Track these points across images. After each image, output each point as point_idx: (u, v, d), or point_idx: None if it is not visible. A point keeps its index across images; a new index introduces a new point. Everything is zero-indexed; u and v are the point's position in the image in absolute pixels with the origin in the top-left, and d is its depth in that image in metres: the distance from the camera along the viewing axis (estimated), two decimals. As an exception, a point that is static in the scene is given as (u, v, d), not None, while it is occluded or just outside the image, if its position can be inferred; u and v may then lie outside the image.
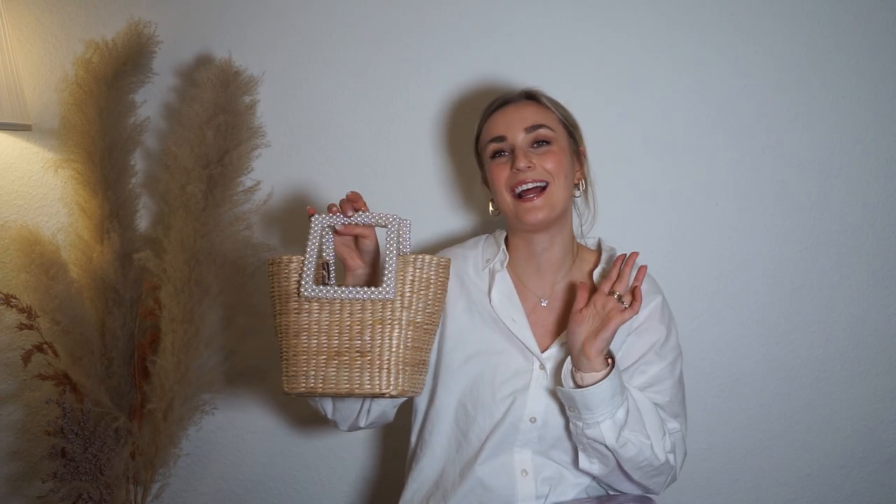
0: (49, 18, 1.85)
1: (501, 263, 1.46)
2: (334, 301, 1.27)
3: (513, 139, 1.40)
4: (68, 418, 1.67)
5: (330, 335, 1.27)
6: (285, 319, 1.30)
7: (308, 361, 1.28)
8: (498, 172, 1.41)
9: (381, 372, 1.25)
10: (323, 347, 1.27)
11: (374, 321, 1.26)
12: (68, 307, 1.69)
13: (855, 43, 1.72)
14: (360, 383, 1.25)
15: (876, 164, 1.74)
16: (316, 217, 1.29)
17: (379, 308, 1.26)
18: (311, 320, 1.28)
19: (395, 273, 1.25)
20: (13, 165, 1.88)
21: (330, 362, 1.27)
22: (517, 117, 1.41)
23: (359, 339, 1.26)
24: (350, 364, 1.26)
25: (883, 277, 1.75)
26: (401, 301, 1.26)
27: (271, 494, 1.90)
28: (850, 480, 1.78)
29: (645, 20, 1.74)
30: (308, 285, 1.27)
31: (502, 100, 1.46)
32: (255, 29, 1.82)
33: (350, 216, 1.29)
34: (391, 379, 1.25)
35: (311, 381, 1.27)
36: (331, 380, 1.26)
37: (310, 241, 1.28)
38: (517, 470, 1.40)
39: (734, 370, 1.78)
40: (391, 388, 1.25)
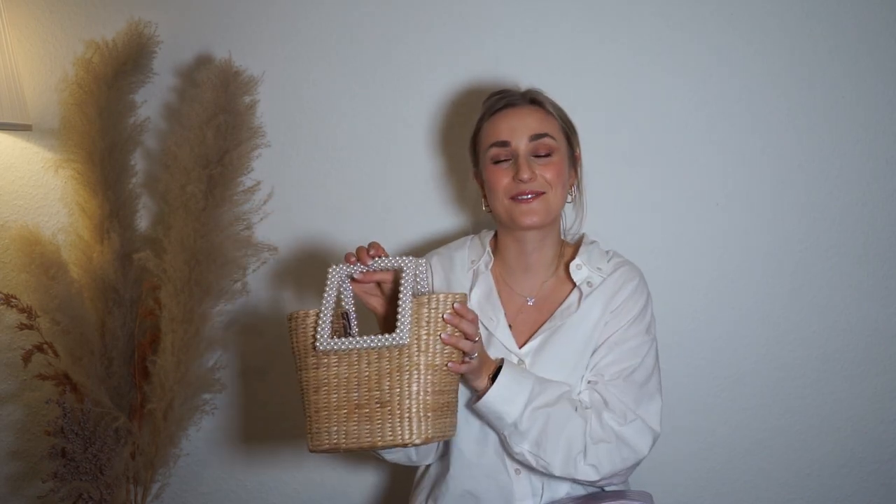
0: (49, 18, 1.85)
1: (486, 265, 1.47)
2: (351, 352, 1.23)
3: (516, 146, 1.40)
4: (68, 418, 1.67)
5: (349, 388, 1.22)
6: (305, 375, 1.25)
7: (329, 417, 1.23)
8: (498, 178, 1.41)
9: (404, 422, 1.20)
10: (343, 401, 1.22)
11: (392, 369, 1.21)
12: (68, 307, 1.69)
13: (855, 43, 1.72)
14: (381, 435, 1.20)
15: (876, 164, 1.74)
16: (333, 268, 1.26)
17: (395, 355, 1.21)
18: (330, 374, 1.23)
19: (410, 317, 1.21)
20: (13, 165, 1.88)
21: (351, 416, 1.22)
22: (521, 124, 1.41)
23: (377, 390, 1.21)
24: (371, 416, 1.21)
25: (883, 277, 1.75)
26: (417, 345, 1.21)
27: (271, 495, 1.90)
28: (850, 480, 1.78)
29: (644, 20, 1.74)
30: (323, 339, 1.23)
31: (505, 101, 1.45)
32: (255, 29, 1.82)
33: (368, 263, 1.25)
34: (414, 427, 1.20)
35: (334, 437, 1.22)
36: (353, 434, 1.21)
37: (326, 293, 1.25)
38: (510, 470, 1.40)
39: (734, 370, 1.78)
40: (414, 437, 1.19)
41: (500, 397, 1.31)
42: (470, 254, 1.50)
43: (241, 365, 1.87)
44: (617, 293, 1.42)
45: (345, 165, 1.83)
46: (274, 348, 1.86)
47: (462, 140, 1.78)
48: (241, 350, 1.86)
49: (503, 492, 1.41)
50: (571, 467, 1.34)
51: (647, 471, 1.67)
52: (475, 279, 1.47)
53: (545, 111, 1.44)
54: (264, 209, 1.82)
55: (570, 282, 1.45)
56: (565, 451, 1.33)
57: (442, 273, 1.49)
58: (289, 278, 1.85)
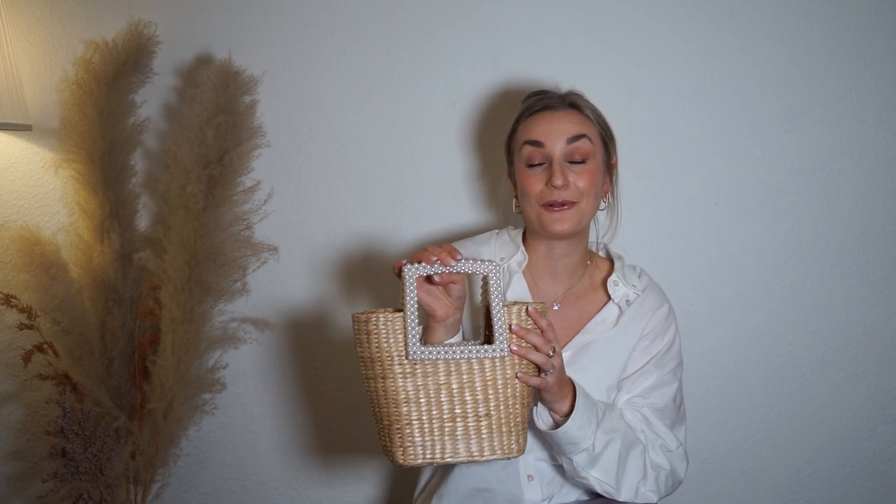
0: (49, 18, 1.85)
1: (519, 265, 1.44)
2: (440, 362, 1.16)
3: (551, 149, 1.37)
4: (68, 418, 1.67)
5: (440, 400, 1.17)
6: (391, 385, 1.16)
7: (422, 431, 1.17)
8: (531, 183, 1.38)
9: (503, 436, 1.17)
10: (434, 414, 1.17)
11: (487, 381, 1.17)
12: (68, 307, 1.69)
13: (853, 44, 1.72)
14: (479, 449, 1.17)
15: (876, 164, 1.74)
16: (409, 267, 1.15)
17: (489, 367, 1.17)
18: (419, 385, 1.16)
19: (506, 327, 1.16)
20: (13, 165, 1.87)
21: (444, 429, 1.17)
22: (559, 127, 1.38)
23: (473, 403, 1.17)
24: (466, 430, 1.17)
25: (883, 277, 1.75)
26: (511, 357, 1.17)
27: (271, 494, 1.90)
28: (850, 480, 1.78)
29: (643, 21, 1.74)
30: (416, 346, 1.15)
31: (544, 102, 1.41)
32: (255, 29, 1.82)
33: (451, 265, 1.16)
34: (513, 441, 1.17)
35: (429, 452, 1.17)
36: (448, 448, 1.17)
37: (408, 296, 1.15)
38: (523, 475, 1.40)
39: (733, 370, 1.78)
40: (513, 451, 1.17)
41: (578, 422, 1.27)
42: (498, 250, 1.47)
43: (241, 365, 1.87)
44: (653, 316, 1.42)
45: (345, 165, 1.83)
46: (274, 348, 1.86)
47: (463, 140, 1.79)
48: (241, 350, 1.86)
49: (513, 495, 1.40)
50: (635, 492, 1.33)
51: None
52: (507, 279, 1.43)
53: (583, 115, 1.41)
54: (264, 209, 1.82)
55: (603, 294, 1.43)
56: (633, 477, 1.33)
57: None
58: (289, 278, 1.85)
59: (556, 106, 1.41)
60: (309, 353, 1.86)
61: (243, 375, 1.87)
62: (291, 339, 1.86)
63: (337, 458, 1.88)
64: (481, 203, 1.80)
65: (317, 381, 1.87)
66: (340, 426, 1.87)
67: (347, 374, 1.86)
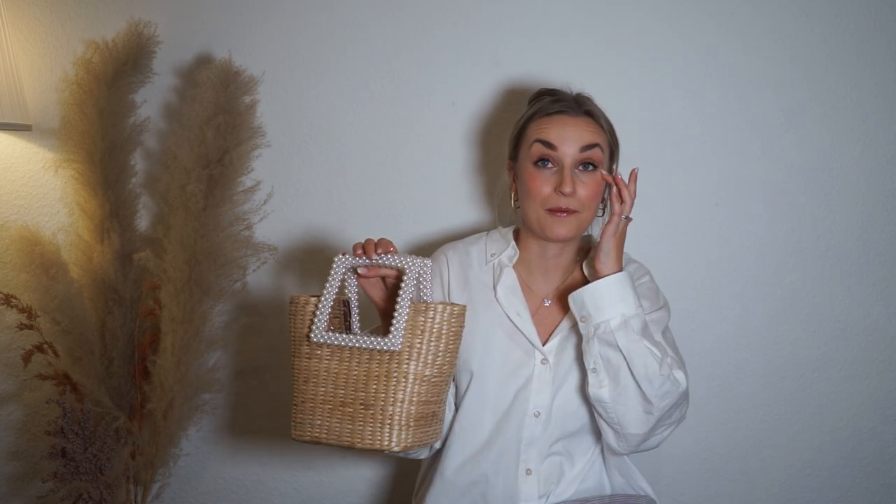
0: (49, 18, 1.85)
1: (510, 259, 1.46)
2: (343, 348, 1.23)
3: (563, 154, 1.37)
4: (68, 418, 1.67)
5: (337, 384, 1.23)
6: (297, 363, 1.26)
7: (314, 409, 1.24)
8: (539, 185, 1.38)
9: (385, 427, 1.20)
10: (329, 396, 1.23)
11: (381, 373, 1.20)
12: (68, 307, 1.69)
13: (853, 43, 1.72)
14: (361, 437, 1.21)
15: (876, 164, 1.74)
16: (339, 258, 1.25)
17: (386, 359, 1.20)
18: (321, 367, 1.24)
19: (405, 323, 1.19)
20: (13, 165, 1.88)
21: (335, 412, 1.22)
22: (574, 134, 1.38)
23: (363, 391, 1.21)
24: (353, 416, 1.21)
25: (883, 277, 1.75)
26: (408, 353, 1.20)
27: (271, 494, 1.90)
28: (850, 480, 1.78)
29: (642, 22, 1.74)
30: (319, 330, 1.23)
31: (559, 106, 1.40)
32: (255, 29, 1.82)
33: (373, 258, 1.23)
34: (394, 435, 1.19)
35: (317, 430, 1.24)
36: (334, 431, 1.22)
37: (329, 283, 1.24)
38: (521, 469, 1.40)
39: (734, 370, 1.78)
40: (393, 445, 1.19)
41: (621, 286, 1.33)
42: (489, 247, 1.49)
43: (241, 365, 1.87)
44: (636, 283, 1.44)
45: (345, 165, 1.83)
46: (274, 348, 1.86)
47: (463, 140, 1.79)
48: (241, 350, 1.86)
49: (510, 489, 1.40)
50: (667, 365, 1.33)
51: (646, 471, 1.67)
52: (498, 273, 1.45)
53: (598, 125, 1.41)
54: (264, 209, 1.82)
55: (584, 280, 1.44)
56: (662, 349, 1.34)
57: (459, 266, 1.47)
58: (289, 278, 1.85)
59: (571, 111, 1.40)
60: (309, 353, 1.86)
61: (243, 375, 1.87)
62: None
63: (337, 457, 1.88)
64: (481, 203, 1.80)
65: (317, 381, 1.87)
66: (340, 426, 1.87)
67: (347, 374, 1.86)
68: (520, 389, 1.40)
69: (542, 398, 1.39)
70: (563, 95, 1.44)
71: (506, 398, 1.40)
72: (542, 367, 1.40)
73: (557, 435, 1.41)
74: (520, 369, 1.41)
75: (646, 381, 1.31)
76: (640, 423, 1.35)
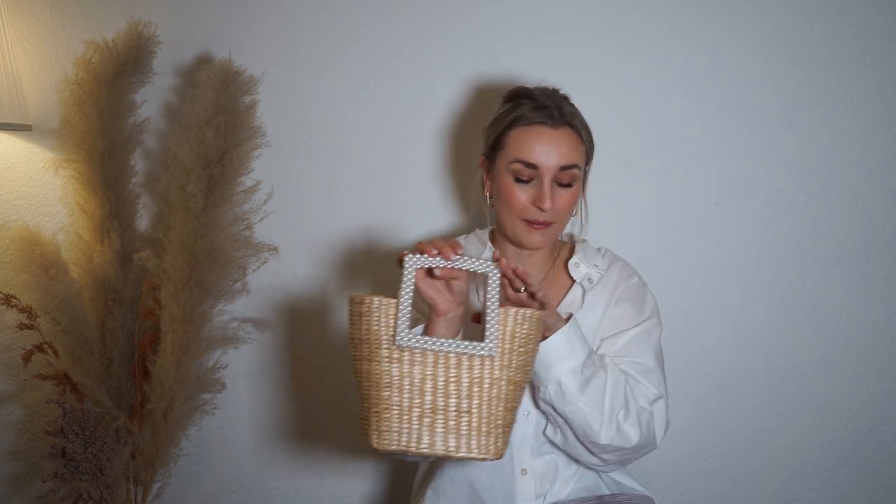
0: (49, 18, 1.85)
1: None
2: (429, 353, 1.16)
3: (542, 171, 1.37)
4: (68, 418, 1.67)
5: (423, 390, 1.16)
6: (375, 367, 1.17)
7: (400, 417, 1.16)
8: (516, 196, 1.38)
9: (482, 436, 1.16)
10: (416, 403, 1.16)
11: (473, 379, 1.16)
12: (68, 307, 1.69)
13: (853, 43, 1.72)
14: (456, 446, 1.16)
15: (876, 165, 1.74)
16: (410, 257, 1.17)
17: (478, 364, 1.16)
18: (403, 372, 1.16)
19: (499, 328, 1.16)
20: (13, 165, 1.88)
21: (423, 420, 1.16)
22: (555, 151, 1.37)
23: (456, 398, 1.16)
24: (446, 424, 1.16)
25: (883, 277, 1.75)
26: (502, 358, 1.16)
27: (271, 494, 1.90)
28: (850, 480, 1.78)
29: (642, 22, 1.74)
30: (404, 334, 1.16)
31: (541, 117, 1.38)
32: (255, 29, 1.82)
33: (451, 258, 1.17)
34: (491, 443, 1.16)
35: (405, 439, 1.16)
36: (425, 440, 1.16)
37: (404, 285, 1.16)
38: (517, 469, 1.41)
39: (733, 370, 1.78)
40: (490, 453, 1.16)
41: (569, 334, 1.31)
42: (467, 250, 1.50)
43: (241, 365, 1.87)
44: (617, 287, 1.45)
45: (345, 165, 1.83)
46: (274, 348, 1.86)
47: (463, 140, 1.79)
48: (241, 350, 1.86)
49: (507, 489, 1.41)
50: (617, 426, 1.33)
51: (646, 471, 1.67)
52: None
53: (578, 138, 1.40)
54: (264, 209, 1.82)
55: (568, 279, 1.46)
56: (616, 405, 1.33)
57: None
58: (289, 278, 1.85)
59: (552, 122, 1.38)
60: (309, 353, 1.86)
61: (243, 375, 1.87)
62: (291, 339, 1.86)
63: (337, 457, 1.88)
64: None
65: (317, 381, 1.87)
66: (340, 426, 1.87)
67: (347, 374, 1.86)
68: None
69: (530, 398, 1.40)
70: (542, 100, 1.40)
71: None
72: None
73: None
74: None
75: (587, 441, 1.34)
76: (600, 464, 1.38)
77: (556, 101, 1.40)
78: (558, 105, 1.40)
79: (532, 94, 1.42)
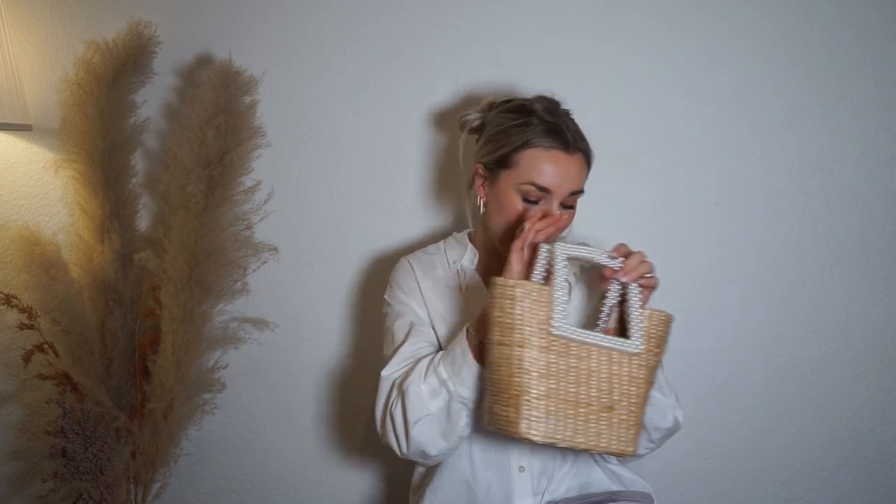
0: (49, 18, 1.85)
1: (471, 262, 1.49)
2: (580, 345, 1.17)
3: (553, 196, 1.36)
4: (68, 418, 1.67)
5: (567, 379, 1.16)
6: (528, 354, 1.16)
7: (548, 407, 1.15)
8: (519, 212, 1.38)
9: (628, 431, 1.17)
10: (561, 393, 1.16)
11: (622, 375, 1.18)
12: (68, 307, 1.69)
13: (853, 43, 1.72)
14: (606, 440, 1.16)
15: (876, 165, 1.74)
16: (561, 246, 1.20)
17: (626, 361, 1.18)
18: (551, 360, 1.16)
19: (643, 327, 1.19)
20: (13, 165, 1.88)
21: (567, 411, 1.15)
22: (567, 178, 1.36)
23: (606, 393, 1.17)
24: (597, 418, 1.16)
25: (883, 277, 1.75)
26: (645, 357, 1.19)
27: (271, 494, 1.90)
28: (850, 480, 1.78)
29: (642, 22, 1.74)
30: (561, 322, 1.16)
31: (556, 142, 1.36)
32: (255, 29, 1.82)
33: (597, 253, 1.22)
34: (631, 439, 1.17)
35: (552, 429, 1.15)
36: (569, 431, 1.15)
37: (558, 272, 1.18)
38: (514, 466, 1.41)
39: (733, 370, 1.78)
40: (629, 448, 1.17)
41: None
42: (449, 255, 1.51)
43: (241, 365, 1.87)
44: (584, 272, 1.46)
45: (345, 165, 1.83)
46: (274, 348, 1.86)
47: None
48: (241, 350, 1.86)
49: (505, 487, 1.41)
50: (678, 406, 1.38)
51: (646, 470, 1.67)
52: (463, 277, 1.48)
53: (586, 161, 1.40)
54: (264, 209, 1.82)
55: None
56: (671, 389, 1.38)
57: (423, 273, 1.49)
58: (289, 278, 1.85)
59: (567, 149, 1.37)
60: (309, 353, 1.86)
61: (243, 375, 1.87)
62: (291, 339, 1.86)
63: (337, 457, 1.88)
64: (481, 203, 1.80)
65: (316, 381, 1.87)
66: (340, 426, 1.87)
67: (348, 374, 1.86)
68: None
69: None
70: (555, 122, 1.38)
71: None
72: None
73: None
74: None
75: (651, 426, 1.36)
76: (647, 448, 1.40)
77: (567, 124, 1.39)
78: (570, 128, 1.39)
79: (541, 114, 1.39)
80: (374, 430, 1.88)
